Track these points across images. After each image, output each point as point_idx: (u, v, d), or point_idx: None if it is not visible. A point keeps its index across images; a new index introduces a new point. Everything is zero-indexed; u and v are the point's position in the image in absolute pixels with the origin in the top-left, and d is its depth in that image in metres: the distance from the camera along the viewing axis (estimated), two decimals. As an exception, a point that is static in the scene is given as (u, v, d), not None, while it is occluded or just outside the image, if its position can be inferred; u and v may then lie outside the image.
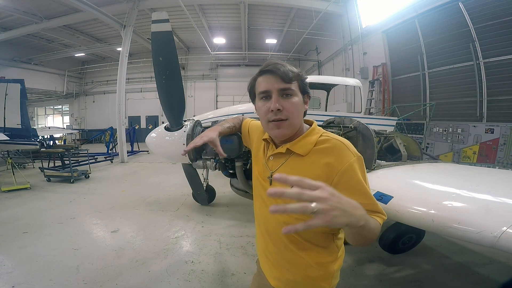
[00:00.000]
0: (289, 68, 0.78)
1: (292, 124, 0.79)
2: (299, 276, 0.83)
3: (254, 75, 0.84)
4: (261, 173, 0.91)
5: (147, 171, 7.08)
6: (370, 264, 2.44)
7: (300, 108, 0.80)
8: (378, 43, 8.48)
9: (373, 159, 2.14)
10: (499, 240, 1.04)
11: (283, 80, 0.76)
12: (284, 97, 0.77)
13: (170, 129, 2.82)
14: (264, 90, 0.79)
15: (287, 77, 0.76)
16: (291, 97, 0.78)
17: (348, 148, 0.75)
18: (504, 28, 5.16)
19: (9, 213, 3.76)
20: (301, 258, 0.82)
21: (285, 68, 0.77)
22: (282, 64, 0.78)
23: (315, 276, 0.82)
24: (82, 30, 11.99)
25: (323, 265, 0.82)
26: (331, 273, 0.83)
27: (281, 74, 0.76)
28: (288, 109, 0.77)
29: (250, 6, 9.89)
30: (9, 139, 5.21)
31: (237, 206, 4.04)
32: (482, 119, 5.66)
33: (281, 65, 0.78)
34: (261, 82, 0.80)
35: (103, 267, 2.37)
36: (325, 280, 0.83)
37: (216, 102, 16.07)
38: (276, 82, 0.77)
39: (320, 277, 0.83)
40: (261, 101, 0.81)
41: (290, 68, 0.78)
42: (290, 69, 0.78)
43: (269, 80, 0.78)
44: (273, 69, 0.77)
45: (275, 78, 0.77)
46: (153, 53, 2.45)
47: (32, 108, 17.17)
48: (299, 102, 0.79)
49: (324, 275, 0.83)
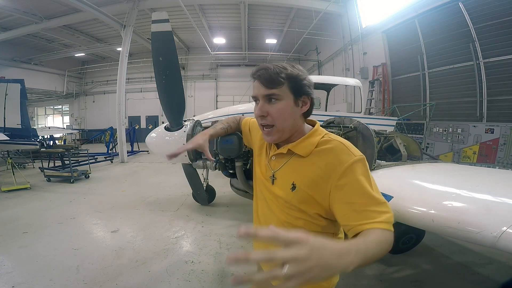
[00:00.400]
0: (278, 71, 0.75)
1: (280, 129, 0.79)
2: None
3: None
4: (264, 172, 0.92)
5: (147, 171, 7.08)
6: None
7: (288, 112, 0.78)
8: (378, 43, 8.48)
9: (373, 159, 2.14)
10: (499, 240, 1.04)
11: (266, 86, 0.76)
12: (270, 102, 0.78)
13: (170, 129, 2.82)
14: (253, 95, 0.81)
15: (272, 82, 0.75)
16: (276, 102, 0.77)
17: (349, 149, 0.74)
18: (504, 28, 5.16)
19: (9, 213, 3.76)
20: None
21: (270, 72, 0.75)
22: (269, 67, 0.76)
23: None
24: (82, 30, 11.99)
25: None
26: None
27: (264, 80, 0.76)
28: (272, 115, 0.78)
29: (250, 6, 9.89)
30: (9, 139, 5.21)
31: (237, 206, 4.04)
32: (482, 119, 5.66)
33: (267, 69, 0.76)
34: (253, 87, 0.82)
35: (103, 267, 2.37)
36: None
37: (216, 102, 16.06)
38: (261, 87, 0.77)
39: None
40: (255, 105, 0.83)
41: (280, 71, 0.75)
42: (279, 72, 0.75)
43: (256, 85, 0.79)
44: (260, 74, 0.77)
45: (260, 84, 0.77)
46: (153, 53, 2.45)
47: (32, 108, 17.16)
48: (286, 106, 0.77)
49: None
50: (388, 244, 0.62)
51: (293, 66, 0.79)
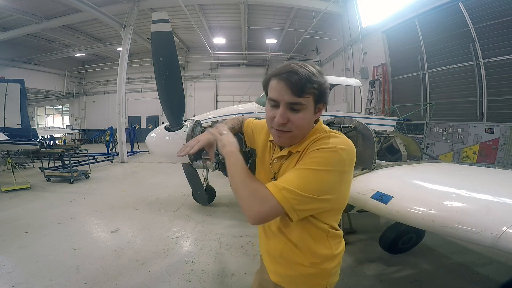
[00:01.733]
0: (308, 77, 0.68)
1: (295, 136, 0.78)
2: (297, 272, 0.84)
3: (270, 73, 0.77)
4: (267, 174, 0.92)
5: (147, 171, 7.08)
6: (370, 264, 2.44)
7: (307, 121, 0.75)
8: (378, 43, 8.48)
9: (373, 159, 2.14)
10: (499, 240, 1.04)
11: (294, 93, 0.69)
12: (292, 111, 0.72)
13: (170, 129, 2.82)
14: (273, 98, 0.74)
15: (302, 91, 0.68)
16: (300, 112, 0.72)
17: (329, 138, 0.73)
18: (504, 28, 5.16)
19: (9, 213, 3.76)
20: (297, 256, 0.83)
21: (300, 78, 0.67)
22: (300, 71, 0.68)
23: (312, 273, 0.83)
24: (82, 30, 11.99)
25: (317, 263, 0.82)
26: (328, 270, 0.84)
27: (293, 86, 0.68)
28: (293, 122, 0.73)
29: (250, 6, 9.89)
30: (9, 139, 5.21)
31: (237, 206, 4.04)
32: (482, 119, 5.66)
33: (297, 73, 0.68)
34: (272, 87, 0.74)
35: (103, 267, 2.37)
36: (323, 277, 0.84)
37: (216, 102, 16.07)
38: (286, 93, 0.70)
39: (317, 274, 0.84)
40: (269, 106, 0.77)
41: (310, 77, 0.68)
42: (310, 80, 0.68)
43: (280, 88, 0.71)
44: (287, 77, 0.69)
45: (286, 89, 0.69)
46: (153, 53, 2.45)
47: (32, 108, 17.15)
48: (307, 116, 0.73)
49: (321, 273, 0.83)
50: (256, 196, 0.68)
51: (318, 71, 0.73)
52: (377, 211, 1.59)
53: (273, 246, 0.89)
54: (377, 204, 1.58)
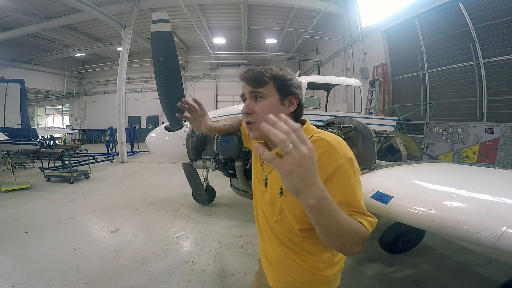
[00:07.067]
0: (263, 71, 0.78)
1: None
2: (296, 278, 0.83)
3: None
4: (258, 175, 0.93)
5: (147, 171, 7.08)
6: (370, 264, 2.44)
7: (272, 110, 0.76)
8: (378, 43, 8.48)
9: (373, 159, 2.14)
10: (499, 240, 1.04)
11: (251, 85, 0.80)
12: (255, 100, 0.80)
13: (170, 129, 2.82)
14: (241, 94, 0.85)
15: (257, 81, 0.78)
16: (262, 100, 0.79)
17: (336, 150, 0.70)
18: (504, 28, 5.15)
19: (9, 213, 3.76)
20: (296, 262, 0.82)
21: (256, 73, 0.78)
22: (256, 68, 0.80)
23: (311, 279, 0.82)
24: (82, 30, 11.99)
25: (317, 270, 0.81)
26: (328, 277, 0.83)
27: (250, 80, 0.79)
28: (257, 112, 0.80)
29: (250, 6, 9.89)
30: (9, 139, 5.21)
31: (237, 206, 4.04)
32: (482, 119, 5.66)
33: (253, 70, 0.79)
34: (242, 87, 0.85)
35: (103, 267, 2.37)
36: (323, 284, 0.83)
37: (216, 102, 16.08)
38: (248, 86, 0.81)
39: (316, 281, 0.82)
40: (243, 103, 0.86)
41: (265, 71, 0.78)
42: (264, 72, 0.78)
43: (244, 84, 0.83)
44: (246, 75, 0.80)
45: (247, 83, 0.81)
46: (153, 53, 2.45)
47: (32, 108, 17.17)
48: (270, 104, 0.79)
49: (321, 279, 0.82)
50: (359, 235, 0.61)
51: (280, 68, 0.81)
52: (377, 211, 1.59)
53: (271, 251, 0.89)
54: (377, 204, 1.58)
